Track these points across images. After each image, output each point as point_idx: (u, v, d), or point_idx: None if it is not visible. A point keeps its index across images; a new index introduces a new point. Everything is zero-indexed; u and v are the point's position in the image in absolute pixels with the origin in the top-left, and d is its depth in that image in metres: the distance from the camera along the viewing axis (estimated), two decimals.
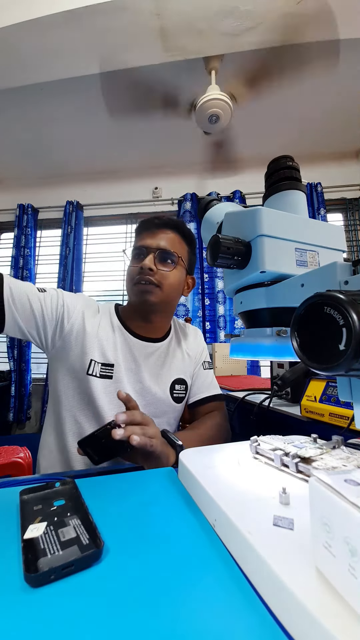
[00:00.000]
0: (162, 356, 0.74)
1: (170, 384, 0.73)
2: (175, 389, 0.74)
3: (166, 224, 0.72)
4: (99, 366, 0.66)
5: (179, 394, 0.75)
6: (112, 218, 2.50)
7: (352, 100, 1.75)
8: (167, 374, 0.74)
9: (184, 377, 0.76)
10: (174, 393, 0.74)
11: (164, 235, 0.71)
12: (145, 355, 0.71)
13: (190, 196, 2.33)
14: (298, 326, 0.23)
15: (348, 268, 0.27)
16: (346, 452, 0.36)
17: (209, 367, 0.83)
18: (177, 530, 0.29)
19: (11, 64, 1.46)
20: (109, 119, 1.88)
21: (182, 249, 0.73)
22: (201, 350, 0.83)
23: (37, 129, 1.98)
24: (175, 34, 1.32)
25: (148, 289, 0.67)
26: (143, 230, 0.73)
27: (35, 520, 0.28)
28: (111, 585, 0.22)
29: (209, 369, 0.83)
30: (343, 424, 0.56)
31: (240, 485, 0.33)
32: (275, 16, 1.24)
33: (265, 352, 0.36)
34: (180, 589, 0.22)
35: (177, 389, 0.74)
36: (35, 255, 2.50)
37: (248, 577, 0.23)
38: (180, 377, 0.75)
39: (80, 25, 1.27)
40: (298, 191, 0.39)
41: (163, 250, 0.69)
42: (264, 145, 2.05)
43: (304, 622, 0.18)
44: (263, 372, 2.11)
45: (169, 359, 0.75)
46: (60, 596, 0.21)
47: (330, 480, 0.20)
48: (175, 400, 0.73)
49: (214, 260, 0.35)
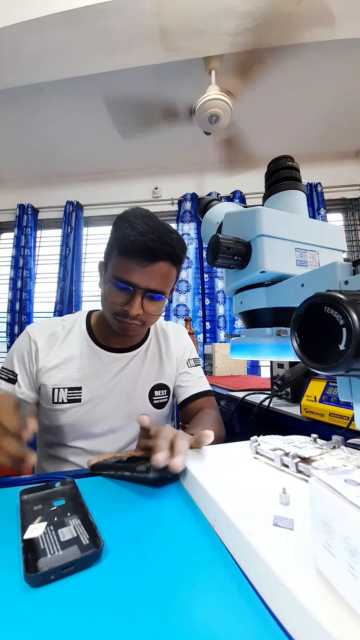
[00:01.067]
0: (139, 364, 0.72)
1: (149, 391, 0.71)
2: (155, 395, 0.72)
3: (158, 255, 0.58)
4: (65, 392, 0.64)
5: (159, 400, 0.72)
6: (112, 218, 2.47)
7: (352, 100, 1.75)
8: (145, 381, 0.71)
9: (163, 381, 0.74)
10: (154, 400, 0.71)
11: (156, 271, 0.59)
12: (120, 367, 0.69)
13: (190, 196, 2.33)
14: (298, 326, 0.23)
15: (348, 268, 0.27)
16: (346, 452, 0.36)
17: (195, 365, 0.80)
18: (177, 530, 0.29)
19: (11, 64, 1.46)
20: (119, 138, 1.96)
21: (173, 280, 0.65)
22: (184, 348, 0.80)
23: (37, 129, 1.98)
24: (175, 34, 1.32)
25: (131, 327, 0.63)
26: (132, 255, 0.57)
27: (35, 520, 0.28)
28: (111, 585, 0.22)
29: (196, 366, 0.80)
30: (343, 424, 0.56)
31: (240, 485, 0.33)
32: (275, 16, 1.24)
33: (265, 352, 0.36)
34: (180, 588, 0.22)
35: (157, 395, 0.72)
36: (35, 255, 2.50)
37: (248, 577, 0.23)
38: (159, 383, 0.73)
39: (80, 25, 1.27)
40: (298, 191, 0.39)
41: (154, 292, 0.60)
42: (264, 145, 2.05)
43: (304, 622, 0.18)
44: (263, 372, 2.11)
45: (146, 365, 0.73)
46: (60, 596, 0.21)
47: (330, 480, 0.20)
48: (155, 406, 0.71)
49: (214, 260, 0.35)
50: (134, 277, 0.58)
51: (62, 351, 0.67)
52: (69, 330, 0.71)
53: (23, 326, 2.36)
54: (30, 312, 2.42)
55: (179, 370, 0.78)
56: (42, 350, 0.66)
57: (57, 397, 0.64)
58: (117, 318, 0.62)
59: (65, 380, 0.65)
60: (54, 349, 0.67)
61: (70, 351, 0.68)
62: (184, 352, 0.80)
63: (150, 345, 0.76)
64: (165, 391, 0.74)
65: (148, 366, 0.73)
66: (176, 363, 0.78)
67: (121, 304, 0.60)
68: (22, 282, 2.41)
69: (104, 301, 0.64)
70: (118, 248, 0.59)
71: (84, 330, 0.71)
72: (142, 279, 0.58)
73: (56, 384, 0.64)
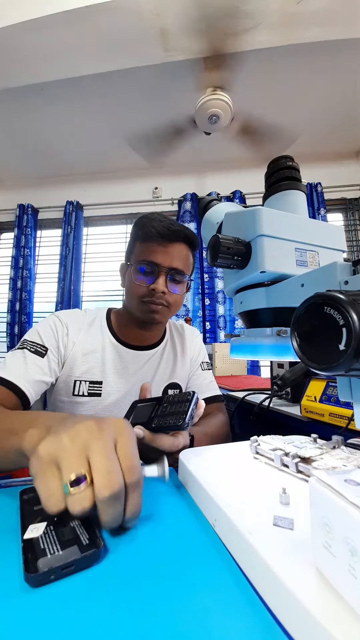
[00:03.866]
0: (156, 362, 0.73)
1: (163, 390, 0.72)
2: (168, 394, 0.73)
3: (179, 236, 0.65)
4: (86, 385, 0.64)
5: None
6: (112, 218, 2.50)
7: (352, 100, 1.75)
8: (160, 379, 0.73)
9: (177, 381, 0.75)
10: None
11: (177, 252, 0.65)
12: (138, 365, 0.70)
13: (190, 196, 2.33)
14: (298, 326, 0.23)
15: (348, 268, 0.27)
16: (346, 452, 0.36)
17: (207, 368, 0.82)
18: (177, 530, 0.29)
19: (11, 64, 1.46)
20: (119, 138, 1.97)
21: (191, 265, 0.70)
22: (198, 351, 0.82)
23: (37, 129, 1.98)
24: (175, 34, 1.32)
25: (158, 309, 0.65)
26: (152, 238, 0.64)
27: (35, 520, 0.28)
28: (111, 585, 0.22)
29: (208, 370, 0.82)
30: (343, 424, 0.56)
31: (240, 485, 0.33)
32: (275, 16, 1.24)
33: (265, 352, 0.36)
34: (180, 588, 0.22)
35: (170, 393, 0.73)
36: (35, 255, 2.50)
37: (248, 577, 0.23)
38: (173, 382, 0.74)
39: (80, 25, 1.27)
40: (298, 191, 0.39)
41: (176, 271, 0.65)
42: (263, 144, 2.05)
43: (304, 622, 0.18)
44: (263, 372, 2.11)
45: (162, 364, 0.74)
46: (60, 596, 0.21)
47: (330, 480, 0.20)
48: None
49: (214, 261, 0.35)
50: (158, 257, 0.64)
51: (87, 343, 0.67)
52: (91, 323, 0.71)
53: (23, 326, 2.36)
54: (30, 312, 2.42)
55: (192, 372, 0.79)
56: (73, 337, 0.66)
57: (78, 389, 0.64)
58: (143, 301, 0.65)
59: (88, 374, 0.65)
60: (80, 338, 0.67)
61: (93, 344, 0.68)
62: (198, 355, 0.82)
63: (167, 345, 0.77)
64: (178, 391, 0.75)
65: (164, 365, 0.74)
66: (190, 364, 0.79)
67: (147, 285, 0.64)
68: (22, 282, 2.41)
69: (129, 291, 0.68)
70: (140, 237, 0.66)
71: (105, 325, 0.72)
72: (165, 258, 0.64)
73: (79, 376, 0.64)
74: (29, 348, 0.61)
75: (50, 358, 0.62)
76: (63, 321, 0.67)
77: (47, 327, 0.65)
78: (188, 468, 0.37)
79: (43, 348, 0.62)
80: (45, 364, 0.61)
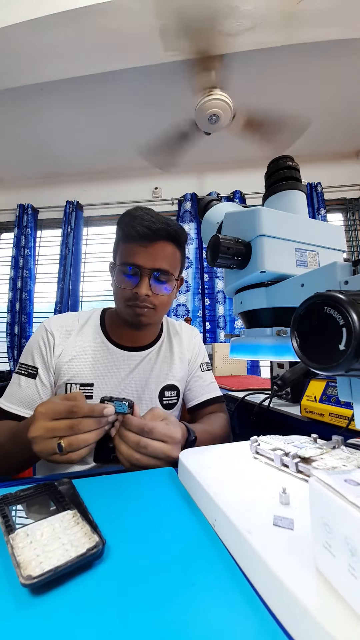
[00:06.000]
0: (150, 363, 0.72)
1: (159, 392, 0.71)
2: (165, 396, 0.71)
3: (160, 235, 0.61)
4: (77, 388, 0.64)
5: (169, 401, 0.72)
6: (112, 218, 2.50)
7: (352, 100, 1.76)
8: (156, 381, 0.71)
9: (174, 382, 0.73)
10: (164, 400, 0.71)
11: (160, 251, 0.62)
12: (132, 366, 0.69)
13: (190, 196, 2.34)
14: (298, 326, 0.23)
15: (348, 268, 0.27)
16: (346, 452, 0.36)
17: (207, 369, 0.80)
18: (177, 531, 0.29)
19: (11, 64, 1.46)
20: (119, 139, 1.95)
21: (178, 262, 0.67)
22: (197, 351, 0.80)
23: (37, 129, 1.99)
24: (175, 34, 1.32)
25: (144, 312, 0.64)
26: (134, 239, 0.60)
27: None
28: (111, 585, 0.22)
29: (208, 370, 0.80)
30: (343, 424, 0.56)
31: (240, 485, 0.33)
32: (275, 16, 1.24)
33: (265, 352, 0.36)
34: (180, 589, 0.22)
35: (167, 395, 0.72)
36: (35, 255, 2.51)
37: (248, 577, 0.23)
38: (170, 383, 0.72)
39: (80, 25, 1.27)
40: (298, 191, 0.39)
41: (160, 271, 0.62)
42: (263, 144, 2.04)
43: (304, 622, 0.18)
44: (263, 372, 2.11)
45: (157, 365, 0.72)
46: (60, 596, 0.21)
47: (330, 480, 0.20)
48: (165, 407, 0.71)
49: (214, 261, 0.35)
50: (139, 259, 0.61)
51: (76, 345, 0.67)
52: (83, 325, 0.71)
53: (23, 326, 2.36)
54: (30, 312, 2.42)
55: (191, 374, 0.77)
56: (59, 345, 0.66)
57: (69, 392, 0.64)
58: (128, 304, 0.64)
59: (78, 376, 0.65)
60: (69, 343, 0.67)
61: (84, 346, 0.68)
62: (197, 356, 0.79)
63: (163, 345, 0.76)
64: (175, 392, 0.73)
65: (159, 366, 0.73)
66: (188, 365, 0.77)
67: (130, 288, 0.62)
68: (22, 282, 2.42)
69: (116, 293, 0.67)
70: (122, 237, 0.63)
71: (97, 326, 0.71)
72: (147, 260, 0.61)
73: (69, 379, 0.64)
74: (23, 372, 0.65)
75: (42, 376, 0.65)
76: (49, 331, 0.67)
77: (35, 344, 0.67)
78: (188, 468, 0.37)
79: (33, 369, 0.65)
80: (38, 384, 0.64)
